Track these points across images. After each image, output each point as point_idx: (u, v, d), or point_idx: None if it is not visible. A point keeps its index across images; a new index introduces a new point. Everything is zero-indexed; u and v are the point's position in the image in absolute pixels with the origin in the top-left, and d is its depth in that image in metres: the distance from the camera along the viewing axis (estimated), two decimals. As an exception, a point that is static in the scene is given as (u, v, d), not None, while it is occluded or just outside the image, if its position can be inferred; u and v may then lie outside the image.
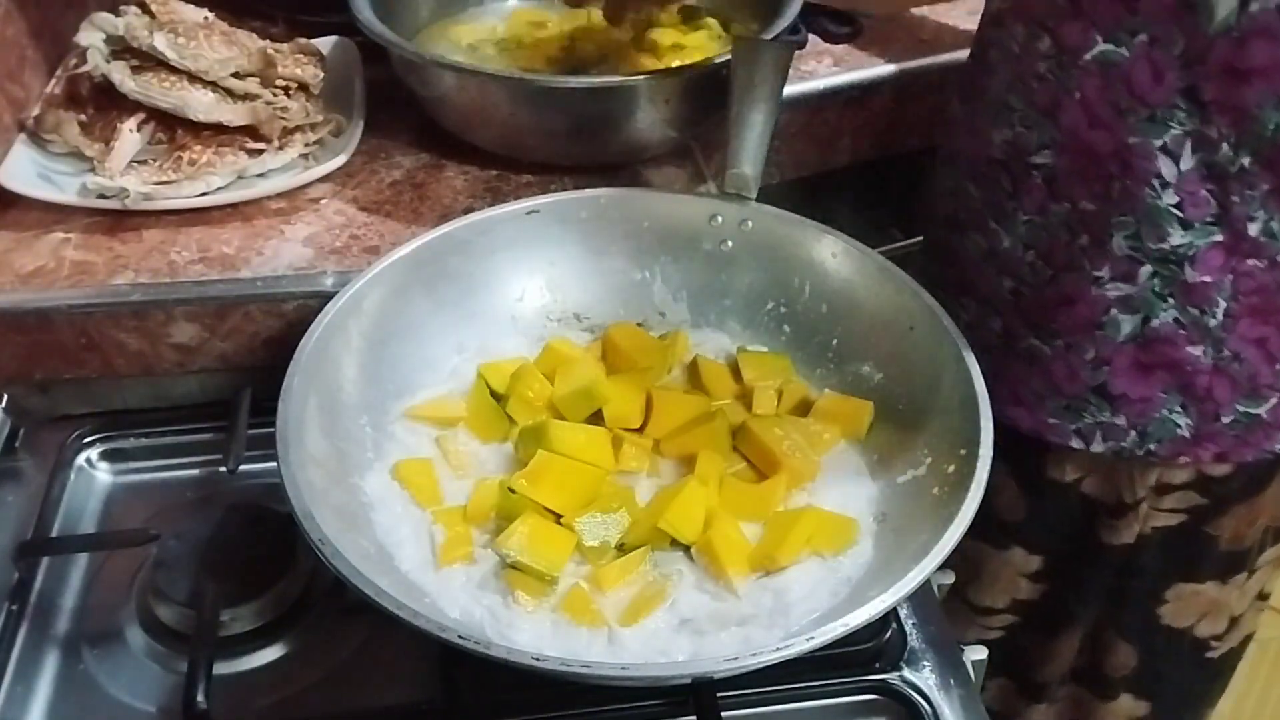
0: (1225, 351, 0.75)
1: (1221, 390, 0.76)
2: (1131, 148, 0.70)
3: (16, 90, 0.87)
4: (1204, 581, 0.87)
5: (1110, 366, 0.78)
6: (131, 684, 0.64)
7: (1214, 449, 0.79)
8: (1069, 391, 0.80)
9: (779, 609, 0.61)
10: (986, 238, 0.82)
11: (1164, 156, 0.70)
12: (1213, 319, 0.74)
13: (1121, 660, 0.92)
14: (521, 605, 0.60)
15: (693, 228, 0.79)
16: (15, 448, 0.78)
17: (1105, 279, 0.75)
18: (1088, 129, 0.72)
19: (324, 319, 0.67)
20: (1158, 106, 0.68)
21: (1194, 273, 0.72)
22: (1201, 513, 0.83)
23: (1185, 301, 0.74)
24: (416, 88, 0.89)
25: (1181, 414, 0.77)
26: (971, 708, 0.63)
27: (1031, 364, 0.81)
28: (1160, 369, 0.76)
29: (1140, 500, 0.82)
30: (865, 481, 0.69)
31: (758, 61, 0.74)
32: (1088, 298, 0.76)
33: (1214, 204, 0.70)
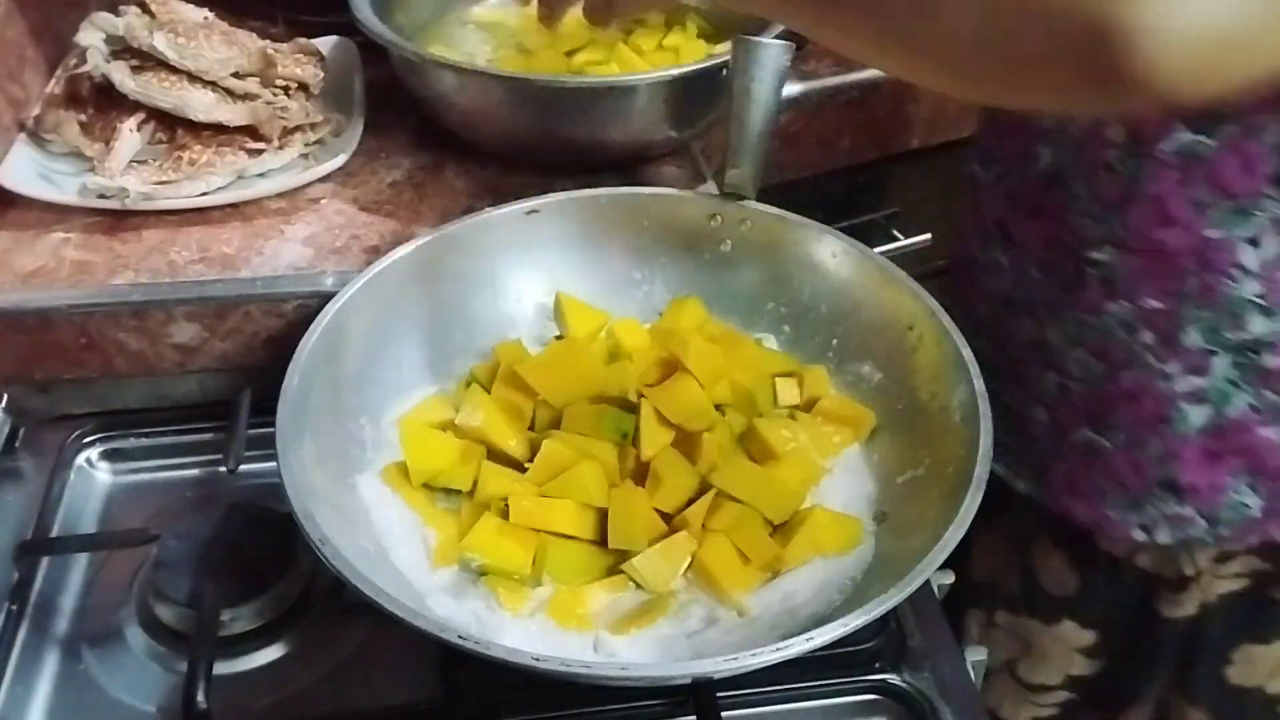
0: None
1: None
2: (1210, 242, 0.66)
3: (16, 90, 0.87)
4: (1271, 643, 0.84)
5: (1179, 460, 0.74)
6: (131, 684, 0.64)
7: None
8: (1133, 486, 0.76)
9: (785, 611, 0.61)
10: (1036, 326, 0.77)
11: (1246, 247, 0.66)
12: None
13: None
14: (505, 608, 0.60)
15: (693, 228, 0.79)
16: (15, 448, 0.77)
17: (1174, 374, 0.71)
18: (1157, 226, 0.68)
19: (324, 319, 0.67)
20: (1245, 198, 0.65)
21: (1274, 358, 0.69)
22: (1265, 577, 0.80)
23: (1262, 386, 0.70)
24: (416, 88, 0.89)
25: (1251, 494, 0.74)
26: (971, 708, 0.63)
27: (1090, 458, 0.77)
28: (1231, 455, 0.73)
29: (1202, 572, 0.79)
30: (865, 481, 0.69)
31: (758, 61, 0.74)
32: (1153, 393, 0.72)
33: None
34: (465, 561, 0.63)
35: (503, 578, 0.62)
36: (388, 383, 0.71)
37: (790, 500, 0.66)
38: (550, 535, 0.64)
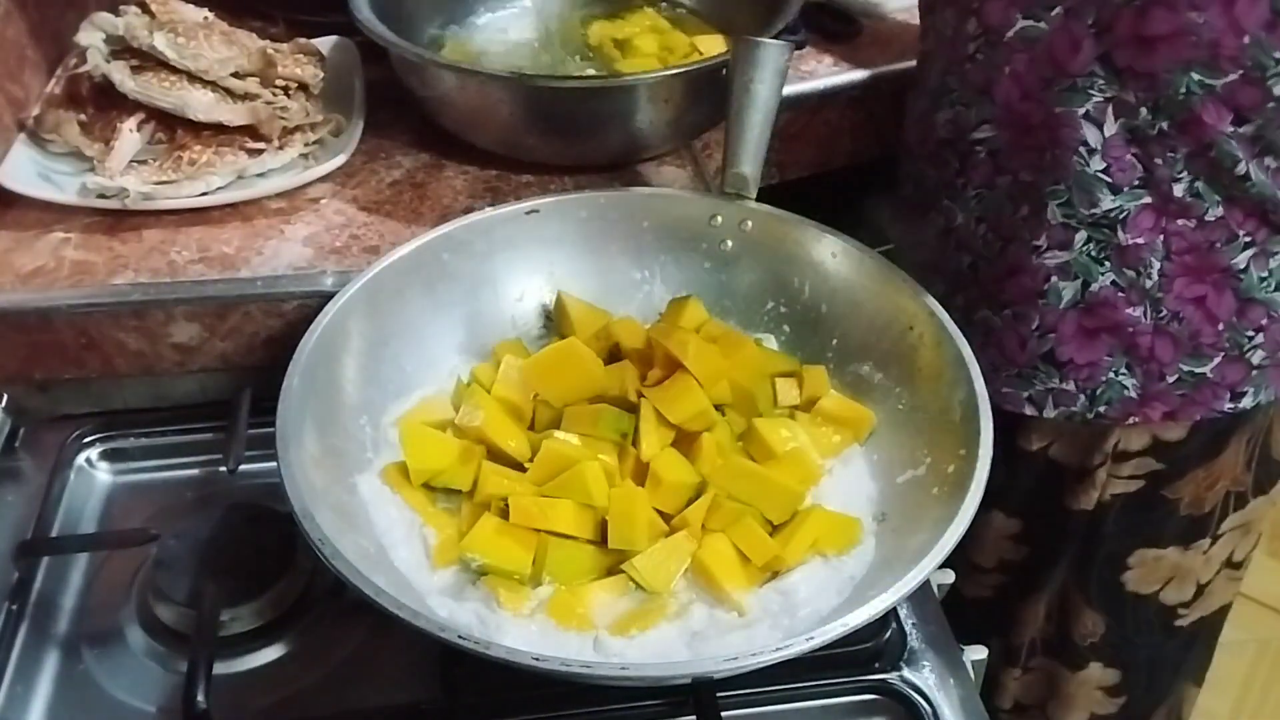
0: (1164, 311, 0.77)
1: (1164, 350, 0.79)
2: (1058, 116, 0.74)
3: (16, 90, 0.87)
4: (1166, 546, 0.89)
5: (1056, 334, 0.80)
6: (131, 684, 0.64)
7: (1162, 408, 0.81)
8: (1019, 361, 0.83)
9: (785, 610, 0.61)
10: (943, 215, 0.85)
11: (1088, 124, 0.73)
12: (1149, 280, 0.76)
13: (1089, 628, 0.94)
14: (506, 609, 0.60)
15: (693, 228, 0.79)
16: (15, 448, 0.78)
17: (1044, 248, 0.78)
18: (1020, 101, 0.76)
19: (324, 319, 0.67)
20: (1078, 75, 0.72)
21: (1126, 235, 0.75)
22: (1159, 478, 0.86)
23: (1121, 264, 0.76)
24: (416, 88, 0.89)
25: (1128, 375, 0.80)
26: (971, 708, 0.63)
27: (985, 336, 0.83)
28: (1103, 332, 0.79)
29: (1099, 465, 0.85)
30: (865, 481, 0.69)
31: (757, 61, 0.74)
32: (1029, 267, 0.79)
33: (1139, 167, 0.73)
34: (465, 562, 0.63)
35: (503, 578, 0.62)
36: (388, 383, 0.71)
37: (790, 500, 0.66)
38: (550, 535, 0.64)
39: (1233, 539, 0.92)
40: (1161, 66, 0.69)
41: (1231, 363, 0.80)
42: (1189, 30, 0.67)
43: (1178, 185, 0.73)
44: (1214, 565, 0.93)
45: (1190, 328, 0.78)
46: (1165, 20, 0.67)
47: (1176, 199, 0.74)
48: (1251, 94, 0.69)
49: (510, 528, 0.63)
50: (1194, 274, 0.76)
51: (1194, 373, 0.80)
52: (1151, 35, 0.68)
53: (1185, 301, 0.77)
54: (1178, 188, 0.73)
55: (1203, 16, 0.66)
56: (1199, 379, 0.80)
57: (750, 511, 0.65)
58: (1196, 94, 0.69)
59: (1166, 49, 0.68)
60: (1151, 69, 0.69)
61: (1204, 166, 0.72)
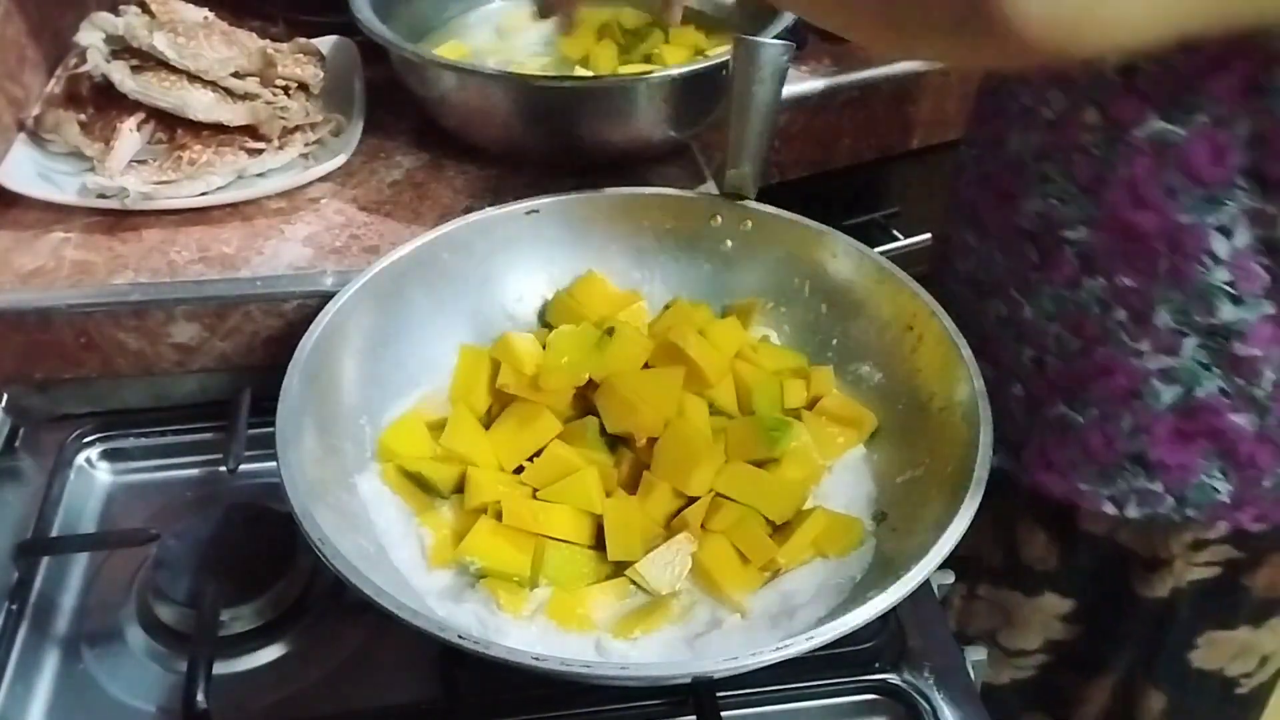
0: (1271, 419, 0.73)
1: (1264, 457, 0.74)
2: (1181, 227, 0.68)
3: (16, 90, 0.87)
4: (1237, 628, 0.86)
5: (1149, 434, 0.75)
6: (131, 684, 0.64)
7: (1253, 512, 0.77)
8: (1104, 459, 0.78)
9: (785, 610, 0.61)
10: (1007, 305, 0.79)
11: (1217, 235, 0.67)
12: (1259, 389, 0.71)
13: (1152, 705, 0.90)
14: (506, 610, 0.60)
15: (693, 228, 0.79)
16: (15, 448, 0.77)
17: (1146, 351, 0.73)
18: (1132, 208, 0.69)
19: (324, 319, 0.67)
20: (1215, 187, 0.66)
21: (1243, 346, 0.70)
22: (1237, 565, 0.81)
23: (1232, 373, 0.71)
24: (416, 87, 0.89)
25: (1221, 479, 0.75)
26: (971, 708, 0.63)
27: (1063, 432, 0.78)
28: (1202, 437, 0.74)
29: (1175, 556, 0.81)
30: (865, 481, 0.69)
31: (757, 61, 0.74)
32: (1125, 369, 0.74)
33: (1266, 277, 0.68)
34: (464, 565, 0.63)
35: (502, 580, 0.62)
36: (388, 383, 0.71)
37: (791, 501, 0.66)
38: (547, 539, 0.63)
39: None
40: None
41: None
42: None
43: None
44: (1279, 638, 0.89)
45: None
46: None
47: None
48: None
49: (507, 530, 0.63)
50: None
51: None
52: None
53: None
54: None
55: None
56: None
57: (750, 512, 0.65)
58: None
59: None
60: None
61: None
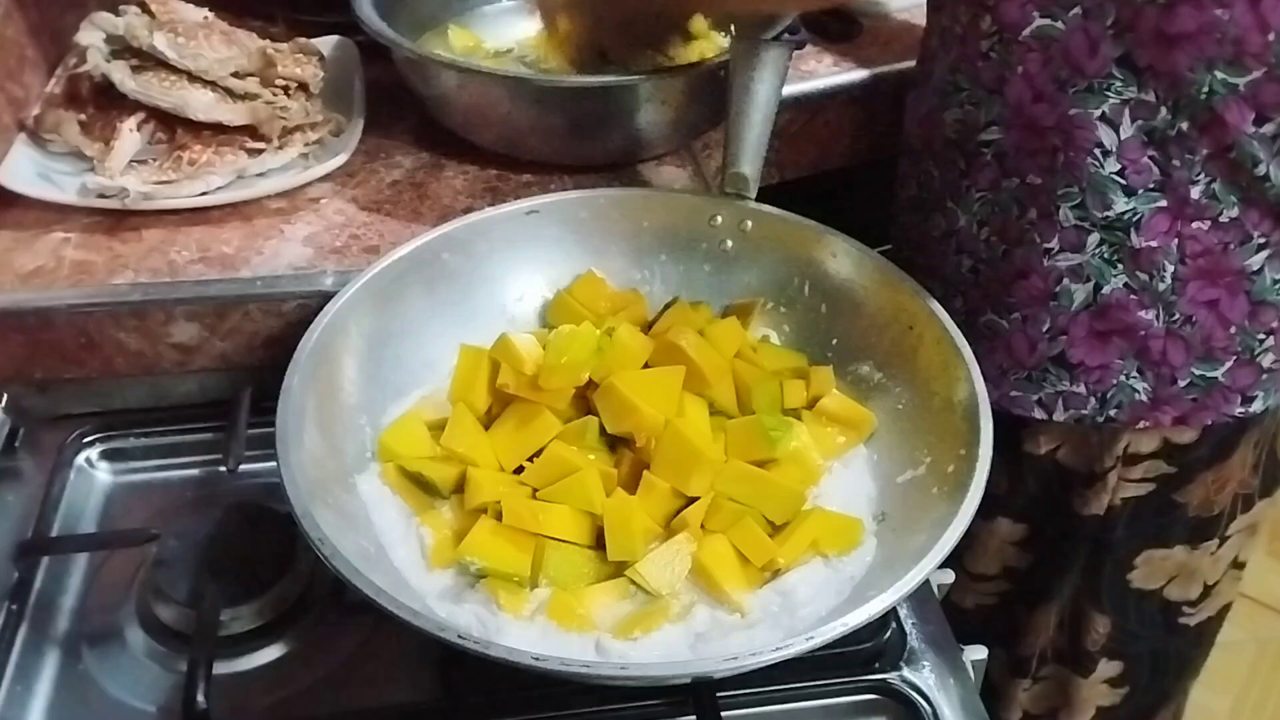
0: (1177, 315, 0.77)
1: (1176, 354, 0.78)
2: (1072, 119, 0.72)
3: (16, 90, 0.87)
4: (1172, 546, 0.89)
5: (1067, 336, 0.80)
6: (131, 684, 0.64)
7: (1173, 413, 0.81)
8: (1029, 364, 0.82)
9: (785, 610, 0.61)
10: (945, 218, 0.84)
11: (1104, 126, 0.72)
12: (1162, 283, 0.75)
13: (1099, 631, 0.93)
14: (506, 611, 0.60)
15: (692, 228, 0.79)
16: (15, 448, 0.77)
17: (1055, 250, 0.77)
18: (1031, 103, 0.74)
19: (324, 319, 0.67)
20: (1095, 76, 0.71)
21: (1140, 238, 0.74)
22: (1170, 481, 0.85)
23: (1134, 267, 0.75)
24: (418, 86, 0.89)
25: (1139, 379, 0.79)
26: (971, 708, 0.63)
27: (992, 340, 0.82)
28: (1115, 335, 0.78)
29: (1109, 469, 0.84)
30: (865, 481, 0.69)
31: (757, 61, 0.74)
32: (1040, 270, 0.78)
33: (1156, 170, 0.72)
34: (464, 565, 0.63)
35: (502, 580, 0.62)
36: (388, 383, 0.71)
37: (792, 501, 0.66)
38: (547, 539, 0.63)
39: (1239, 540, 0.92)
40: (1184, 65, 0.68)
41: (1243, 366, 0.79)
42: (1214, 27, 0.66)
43: (1195, 188, 0.72)
44: (1221, 566, 0.92)
45: (1203, 331, 0.77)
46: (1190, 17, 0.66)
47: (1193, 201, 0.73)
48: (1275, 92, 0.68)
49: (507, 530, 0.63)
50: (1207, 277, 0.75)
51: (1206, 376, 0.79)
52: (1175, 33, 0.67)
53: (1198, 305, 0.76)
54: (1195, 190, 0.72)
55: (1228, 13, 0.65)
56: (1211, 383, 0.79)
57: (750, 512, 0.65)
58: (1219, 93, 0.68)
59: (1190, 46, 0.67)
60: (1173, 68, 0.68)
61: (1223, 168, 0.72)
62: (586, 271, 0.78)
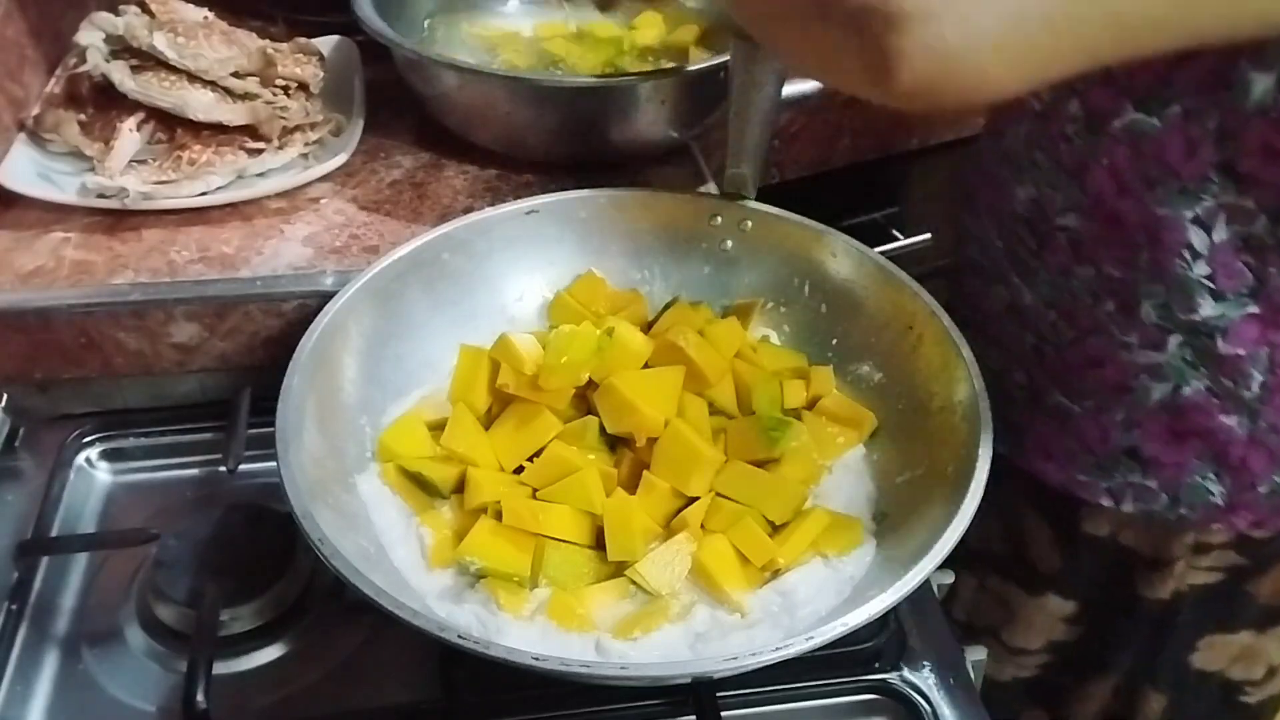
0: (1262, 423, 0.72)
1: (1257, 462, 0.74)
2: (1160, 219, 0.68)
3: (16, 90, 0.87)
4: (1239, 632, 0.85)
5: (1141, 429, 0.75)
6: (131, 684, 0.64)
7: (1250, 517, 0.77)
8: (1100, 451, 0.78)
9: (785, 610, 0.61)
10: (1009, 291, 0.80)
11: (1195, 228, 0.67)
12: (1248, 391, 0.71)
13: (1153, 708, 0.90)
14: (506, 611, 0.60)
15: (692, 228, 0.79)
16: (15, 447, 0.78)
17: (1134, 345, 0.73)
18: (1115, 196, 0.69)
19: (324, 319, 0.67)
20: (1190, 180, 0.66)
21: (1226, 345, 0.70)
22: (1241, 572, 0.81)
23: (1218, 373, 0.71)
24: (419, 86, 0.89)
25: (1215, 481, 0.75)
26: (971, 708, 0.63)
27: (1061, 422, 0.79)
28: (1193, 436, 0.74)
29: (1177, 558, 0.81)
30: (865, 481, 0.69)
31: (757, 61, 0.74)
32: (1116, 362, 0.74)
33: (1249, 276, 0.68)
34: (463, 565, 0.63)
35: (501, 580, 0.62)
36: (388, 383, 0.71)
37: (792, 501, 0.66)
38: (547, 539, 0.63)
39: None
40: None
41: None
42: None
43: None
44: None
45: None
46: None
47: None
48: None
49: (507, 530, 0.63)
50: None
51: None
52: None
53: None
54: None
55: None
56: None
57: (749, 512, 0.65)
58: None
59: None
60: (1277, 181, 0.64)
61: None
62: (586, 271, 0.78)
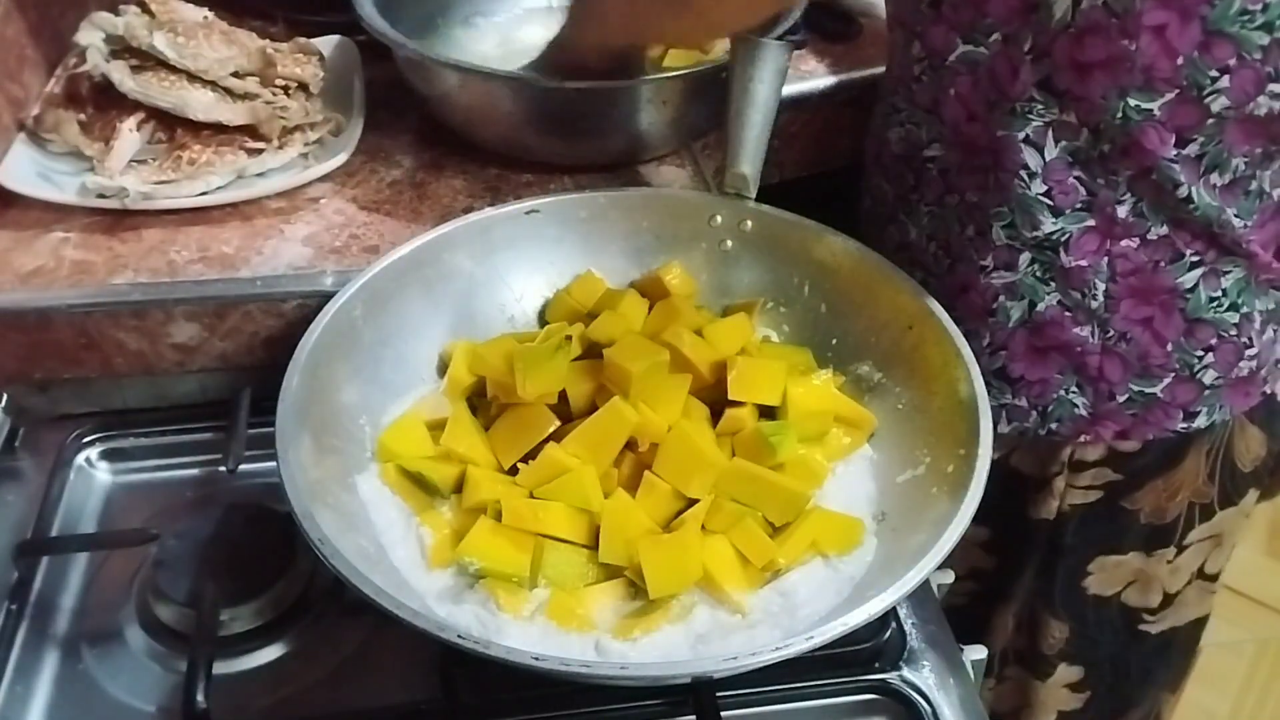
0: (1112, 332, 0.77)
1: (1113, 370, 0.78)
2: (1000, 140, 0.73)
3: (16, 90, 0.87)
4: (1126, 553, 0.89)
5: (1006, 350, 0.80)
6: (131, 684, 0.64)
7: (1114, 427, 0.81)
8: None
9: (785, 610, 0.61)
10: (898, 230, 0.85)
11: (1028, 148, 0.73)
12: (1094, 301, 0.76)
13: (1055, 636, 0.93)
14: (505, 611, 0.60)
15: (692, 228, 0.79)
16: (15, 447, 0.78)
17: (991, 267, 0.78)
18: (966, 122, 0.76)
19: (324, 319, 0.67)
20: (1018, 100, 0.71)
21: (1069, 258, 0.75)
22: (1118, 488, 0.85)
23: (1065, 285, 0.76)
24: (419, 86, 0.89)
25: (1078, 394, 0.80)
26: (971, 708, 0.63)
27: None
28: (1052, 351, 0.79)
29: (1056, 475, 0.85)
30: (865, 481, 0.69)
31: (757, 61, 0.74)
32: (978, 286, 0.79)
33: (1082, 190, 0.73)
34: (463, 565, 0.63)
35: (501, 580, 0.62)
36: (387, 383, 0.71)
37: (795, 503, 0.65)
38: (546, 539, 0.63)
39: (1202, 550, 0.91)
40: (1098, 92, 0.68)
41: (1182, 383, 0.79)
42: (1124, 56, 0.66)
43: (1121, 207, 0.73)
44: (1183, 575, 0.92)
45: (1139, 348, 0.77)
46: (1099, 46, 0.67)
47: (1120, 221, 0.73)
48: (1190, 113, 0.68)
49: (506, 530, 0.63)
50: (1140, 295, 0.76)
51: (1144, 393, 0.79)
52: (1087, 61, 0.67)
53: (1132, 322, 0.77)
54: (1121, 210, 0.73)
55: (1134, 43, 0.65)
56: (1150, 399, 0.80)
57: (750, 513, 0.65)
58: (1135, 119, 0.68)
59: (1102, 74, 0.67)
60: (1089, 94, 0.69)
61: (1147, 189, 0.72)
62: (585, 271, 0.78)
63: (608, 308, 0.75)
